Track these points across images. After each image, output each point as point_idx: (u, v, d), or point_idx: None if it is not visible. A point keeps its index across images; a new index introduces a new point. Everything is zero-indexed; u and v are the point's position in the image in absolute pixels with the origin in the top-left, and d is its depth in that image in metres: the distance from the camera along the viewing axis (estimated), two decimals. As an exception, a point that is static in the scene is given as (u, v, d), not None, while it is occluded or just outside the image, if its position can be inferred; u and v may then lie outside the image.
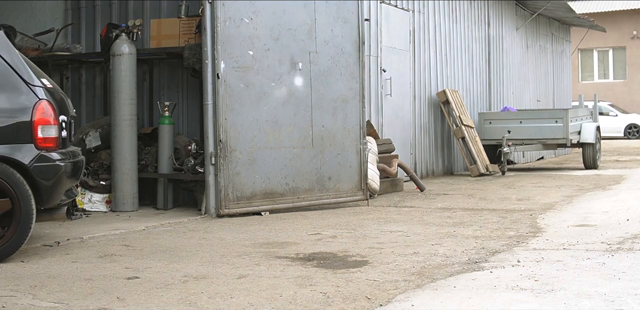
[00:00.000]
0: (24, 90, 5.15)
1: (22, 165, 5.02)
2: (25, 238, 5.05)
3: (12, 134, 5.06)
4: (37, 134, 5.09)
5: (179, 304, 3.79)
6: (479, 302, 3.73)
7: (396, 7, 10.98)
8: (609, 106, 25.42)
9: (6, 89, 5.11)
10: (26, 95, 5.14)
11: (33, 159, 5.06)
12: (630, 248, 5.17)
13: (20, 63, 5.24)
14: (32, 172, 5.03)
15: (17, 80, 5.15)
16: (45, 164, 5.10)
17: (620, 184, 10.15)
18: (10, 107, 5.10)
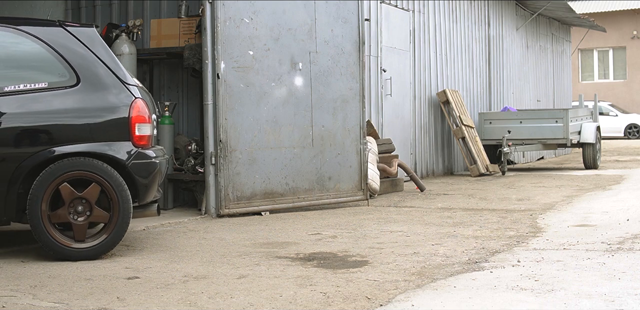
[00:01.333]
0: (120, 89, 5.24)
1: (120, 162, 5.11)
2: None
3: (109, 132, 5.16)
4: (134, 131, 5.19)
5: (179, 304, 3.79)
6: (479, 302, 3.73)
7: (396, 7, 10.98)
8: (609, 106, 25.42)
9: (104, 88, 5.20)
10: (123, 94, 5.24)
11: (131, 157, 5.15)
12: (631, 248, 5.17)
13: (115, 62, 5.35)
14: (129, 169, 5.13)
15: (113, 79, 5.25)
16: (142, 161, 5.20)
17: (621, 184, 10.15)
18: (107, 106, 5.20)
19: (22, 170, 4.96)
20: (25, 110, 5.04)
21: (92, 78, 5.20)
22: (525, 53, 16.39)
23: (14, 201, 4.98)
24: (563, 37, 19.17)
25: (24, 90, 5.07)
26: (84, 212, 5.03)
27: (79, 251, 5.02)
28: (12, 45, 5.23)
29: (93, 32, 5.41)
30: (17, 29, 5.21)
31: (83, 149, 5.05)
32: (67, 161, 5.00)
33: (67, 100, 5.13)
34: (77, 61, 5.20)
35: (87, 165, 5.02)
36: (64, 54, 5.20)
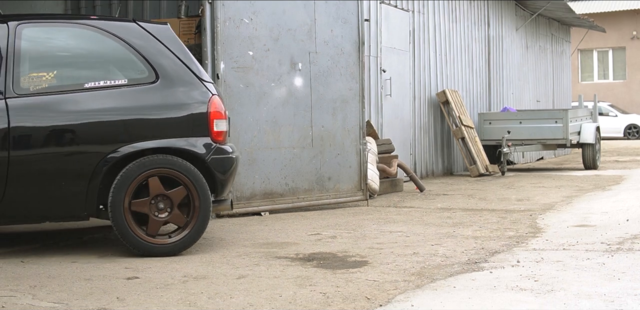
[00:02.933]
0: (197, 85, 5.32)
1: (200, 157, 5.18)
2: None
3: (188, 128, 5.22)
4: (212, 127, 5.25)
5: (178, 304, 3.79)
6: (479, 302, 3.73)
7: (396, 7, 10.99)
8: (608, 106, 25.42)
9: (182, 85, 5.27)
10: (200, 90, 5.31)
11: (210, 152, 5.21)
12: (630, 248, 5.17)
13: (190, 58, 5.42)
14: (209, 165, 5.19)
15: (190, 75, 5.32)
16: (221, 157, 5.27)
17: (620, 185, 10.15)
18: (186, 102, 5.27)
19: (103, 166, 5.00)
20: (106, 107, 5.10)
21: (170, 75, 5.27)
22: (524, 53, 16.40)
23: (94, 197, 5.02)
24: (563, 38, 19.18)
25: (105, 87, 5.14)
26: (165, 210, 5.09)
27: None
28: (91, 43, 5.31)
29: (167, 29, 5.50)
30: (94, 26, 5.27)
31: (164, 145, 5.12)
32: (150, 158, 5.06)
33: (147, 97, 5.19)
34: (155, 58, 5.28)
35: (171, 164, 5.08)
36: (142, 51, 5.27)
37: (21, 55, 5.06)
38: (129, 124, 5.10)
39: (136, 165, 5.02)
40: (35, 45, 5.20)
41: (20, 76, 5.01)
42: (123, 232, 5.01)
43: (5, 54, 5.03)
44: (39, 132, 4.96)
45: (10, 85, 4.98)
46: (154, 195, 5.06)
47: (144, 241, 5.06)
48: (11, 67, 5.01)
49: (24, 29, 5.12)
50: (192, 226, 5.15)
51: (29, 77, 5.06)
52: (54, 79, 5.16)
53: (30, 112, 4.97)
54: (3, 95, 4.94)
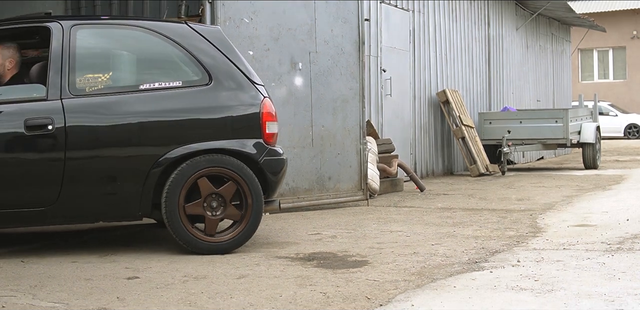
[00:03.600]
0: (249, 88, 5.38)
1: (253, 159, 5.25)
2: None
3: (241, 130, 5.28)
4: (264, 129, 5.33)
5: (179, 304, 3.79)
6: (479, 302, 3.73)
7: (396, 7, 10.99)
8: (608, 106, 25.42)
9: (235, 87, 5.33)
10: (253, 93, 5.38)
11: (263, 154, 5.28)
12: (630, 248, 5.17)
13: (242, 61, 5.50)
14: (261, 166, 5.27)
15: (243, 78, 5.39)
16: (273, 158, 5.35)
17: (620, 184, 10.15)
18: (239, 104, 5.33)
19: (158, 166, 5.05)
20: (161, 108, 5.15)
21: (223, 77, 5.32)
22: (525, 53, 16.39)
23: (149, 197, 5.06)
24: (563, 37, 19.18)
25: (160, 89, 5.19)
26: (218, 207, 5.15)
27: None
28: (145, 45, 5.39)
29: (219, 31, 5.58)
30: (147, 28, 5.33)
31: (218, 146, 5.17)
32: (205, 158, 5.12)
33: (201, 99, 5.24)
34: (208, 60, 5.33)
35: (224, 162, 5.14)
36: (195, 53, 5.32)
37: (76, 57, 5.11)
38: (184, 125, 5.15)
39: (190, 164, 5.08)
40: (90, 46, 5.26)
41: (76, 77, 5.07)
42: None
43: (61, 54, 5.08)
44: (94, 132, 5.01)
45: (66, 85, 5.03)
46: (206, 195, 5.12)
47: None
48: (66, 68, 5.06)
49: (78, 30, 5.18)
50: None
51: (84, 78, 5.11)
52: (109, 80, 5.23)
53: (86, 112, 5.03)
54: (59, 95, 4.99)
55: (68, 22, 5.21)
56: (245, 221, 5.22)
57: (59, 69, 5.05)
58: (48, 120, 4.93)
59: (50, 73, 5.05)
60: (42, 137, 4.92)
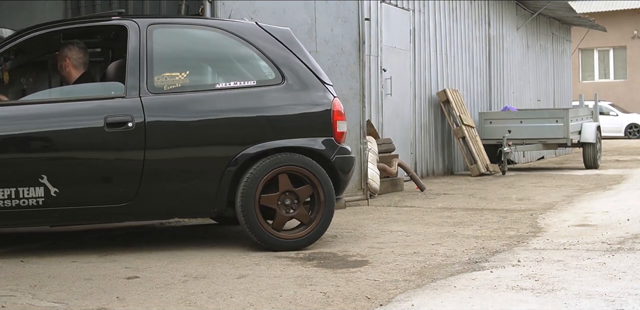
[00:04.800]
0: (320, 87, 5.48)
1: (326, 157, 5.34)
2: (328, 225, 5.39)
3: (313, 128, 5.37)
4: (335, 128, 5.42)
5: (178, 303, 3.79)
6: (479, 302, 3.72)
7: (396, 6, 10.98)
8: (609, 106, 25.42)
9: (307, 87, 5.43)
10: (323, 92, 5.48)
11: (334, 152, 5.37)
12: (631, 248, 5.16)
13: (312, 61, 5.61)
14: (333, 164, 5.35)
15: (313, 78, 5.49)
16: (344, 156, 5.44)
17: (621, 184, 10.15)
18: (312, 103, 5.42)
19: (235, 164, 5.14)
20: (237, 107, 5.25)
21: (295, 77, 5.42)
22: (525, 53, 16.39)
23: (224, 194, 5.14)
24: (563, 37, 19.17)
25: (235, 88, 5.29)
26: (291, 205, 5.24)
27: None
28: (219, 45, 5.50)
29: (288, 31, 5.66)
30: (219, 28, 5.43)
31: (293, 144, 5.26)
32: (280, 156, 5.21)
33: (275, 98, 5.33)
34: (280, 60, 5.42)
35: (298, 160, 5.23)
36: (267, 53, 5.41)
37: (154, 56, 5.19)
38: (259, 124, 5.25)
39: (266, 162, 5.16)
40: (166, 46, 5.35)
41: (154, 75, 5.15)
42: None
43: (138, 53, 5.17)
44: (173, 130, 5.10)
45: (145, 84, 5.11)
46: (282, 191, 5.21)
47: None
48: (144, 67, 5.14)
49: (155, 30, 5.27)
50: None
51: (162, 76, 5.20)
52: (186, 79, 5.30)
53: (164, 110, 5.11)
54: (138, 93, 5.07)
55: (144, 22, 5.31)
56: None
57: (137, 68, 5.14)
58: (128, 118, 5.01)
59: (128, 71, 5.13)
60: (121, 134, 5.00)
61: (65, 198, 4.92)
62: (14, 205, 4.87)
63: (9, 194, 4.86)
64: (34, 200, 4.89)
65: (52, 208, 4.93)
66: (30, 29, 5.29)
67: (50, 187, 4.89)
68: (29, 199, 4.88)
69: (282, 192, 5.19)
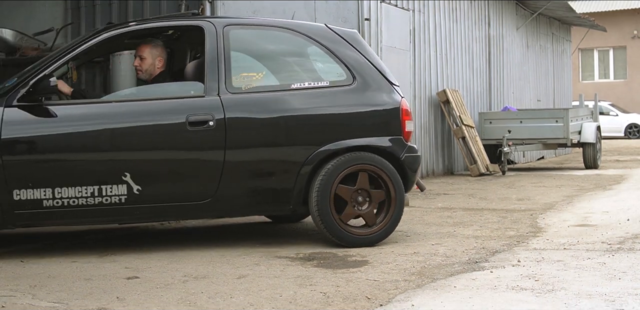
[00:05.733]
0: (388, 88, 5.62)
1: (396, 156, 5.48)
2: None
3: (384, 128, 5.52)
4: (404, 128, 5.58)
5: (178, 303, 3.79)
6: (480, 302, 3.72)
7: (396, 6, 10.98)
8: (609, 106, 25.41)
9: (376, 87, 5.56)
10: (392, 93, 5.62)
11: (403, 151, 5.51)
12: (631, 248, 5.16)
13: (380, 63, 5.73)
14: (402, 163, 5.49)
15: (381, 79, 5.62)
16: (412, 155, 5.59)
17: (621, 184, 10.15)
18: (382, 104, 5.56)
19: (311, 162, 5.27)
20: (312, 107, 5.39)
21: (364, 77, 5.54)
22: (525, 53, 16.38)
23: (301, 192, 5.28)
24: (563, 37, 19.17)
25: (309, 88, 5.43)
26: (363, 203, 5.36)
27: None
28: (292, 45, 5.67)
29: (356, 33, 5.83)
30: (291, 29, 5.57)
31: (365, 143, 5.40)
32: (353, 154, 5.35)
33: (347, 98, 5.46)
34: (350, 61, 5.56)
35: (370, 159, 5.36)
36: (338, 54, 5.55)
37: (231, 56, 5.33)
38: (333, 123, 5.39)
39: (341, 160, 5.30)
40: (242, 46, 5.51)
41: (232, 75, 5.28)
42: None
43: (216, 53, 5.29)
44: (252, 128, 5.23)
45: (224, 83, 5.23)
46: (358, 188, 5.34)
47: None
48: (222, 67, 5.27)
49: (231, 31, 5.40)
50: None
51: (240, 76, 5.36)
52: (262, 80, 5.49)
53: (243, 110, 5.24)
54: (217, 92, 5.20)
55: (220, 23, 5.43)
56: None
57: (216, 68, 5.25)
58: (209, 117, 5.12)
59: (207, 71, 5.25)
60: (203, 133, 5.11)
61: (147, 195, 5.02)
62: (97, 202, 4.95)
63: (92, 192, 4.93)
64: (117, 198, 4.97)
65: (134, 205, 5.02)
66: (105, 29, 5.39)
67: (133, 185, 4.99)
68: (111, 196, 4.96)
69: (358, 188, 5.32)
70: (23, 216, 4.89)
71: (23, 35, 9.02)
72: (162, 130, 5.08)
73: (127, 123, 5.04)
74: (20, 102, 4.95)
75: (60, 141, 4.94)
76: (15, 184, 4.82)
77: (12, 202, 4.83)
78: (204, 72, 5.27)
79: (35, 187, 4.85)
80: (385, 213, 5.42)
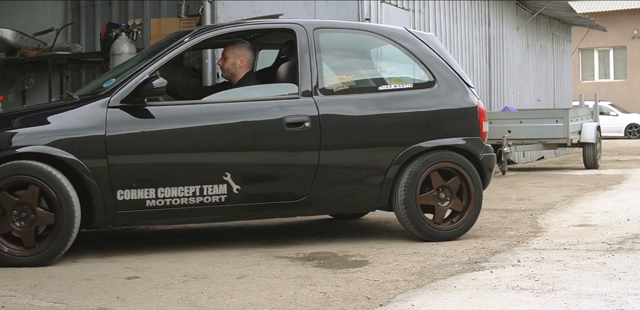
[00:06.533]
0: (466, 90, 5.81)
1: (475, 155, 5.68)
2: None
3: (463, 129, 5.71)
4: (482, 128, 5.79)
5: (179, 303, 3.79)
6: (479, 302, 3.72)
7: (396, 6, 10.97)
8: (609, 106, 25.40)
9: (455, 89, 5.74)
10: (469, 95, 5.80)
11: (482, 150, 5.73)
12: (631, 248, 5.16)
13: (457, 65, 5.94)
14: (481, 162, 5.71)
15: (459, 81, 5.80)
16: (489, 155, 5.82)
17: (621, 184, 10.14)
18: (461, 105, 5.75)
19: (398, 162, 5.47)
20: (399, 108, 5.56)
21: (445, 79, 5.73)
22: (525, 53, 16.38)
23: (387, 190, 5.46)
24: (563, 37, 19.16)
25: (396, 90, 5.63)
26: (445, 199, 5.59)
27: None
28: (377, 48, 5.94)
29: (433, 36, 6.04)
30: (374, 32, 5.77)
31: (448, 143, 5.60)
32: (437, 154, 5.56)
33: (430, 100, 5.66)
34: (431, 64, 5.74)
35: (453, 158, 5.59)
36: (420, 57, 5.73)
37: (322, 58, 5.48)
38: (419, 124, 5.58)
39: (425, 159, 5.51)
40: (332, 49, 5.68)
41: (324, 77, 5.43)
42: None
43: (308, 55, 5.43)
44: (344, 129, 5.39)
45: (317, 85, 5.39)
46: (436, 187, 5.55)
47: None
48: (315, 69, 5.41)
49: (321, 34, 5.55)
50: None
51: (331, 78, 5.54)
52: (352, 82, 5.68)
53: (336, 110, 5.39)
54: (311, 94, 5.35)
55: (310, 25, 5.55)
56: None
57: (309, 69, 5.40)
58: (305, 118, 5.27)
59: (300, 73, 5.38)
60: (298, 134, 5.25)
61: (245, 195, 5.15)
62: (198, 202, 5.07)
63: (194, 192, 5.04)
64: (217, 197, 5.09)
65: (233, 204, 5.15)
66: (202, 31, 5.46)
67: (232, 185, 5.11)
68: (212, 196, 5.08)
69: (436, 189, 5.54)
70: (125, 216, 4.99)
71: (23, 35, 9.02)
72: (261, 131, 5.21)
73: (228, 124, 5.17)
74: (123, 103, 5.00)
75: (163, 142, 5.03)
76: (120, 184, 4.90)
77: (115, 202, 4.91)
78: (296, 73, 5.41)
79: (139, 188, 4.94)
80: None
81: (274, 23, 5.78)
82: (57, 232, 4.79)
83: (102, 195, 4.87)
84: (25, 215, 4.75)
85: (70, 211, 4.78)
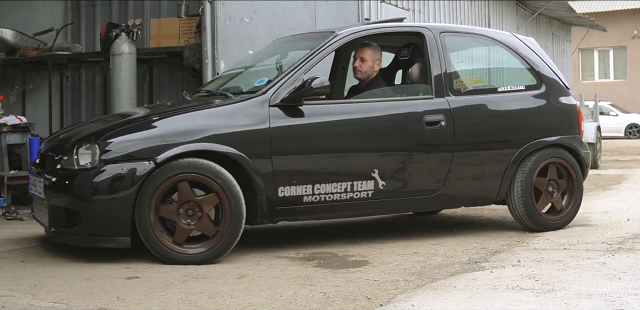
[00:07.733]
0: (566, 92, 6.24)
1: (576, 152, 6.11)
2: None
3: (567, 128, 6.13)
4: (581, 127, 6.20)
5: (179, 303, 3.79)
6: (479, 302, 3.72)
7: (396, 6, 10.97)
8: (609, 106, 25.40)
9: (558, 91, 6.15)
10: (569, 96, 6.23)
11: (582, 148, 6.17)
12: (631, 248, 5.16)
13: (556, 68, 6.31)
14: (581, 159, 6.15)
15: (560, 83, 6.21)
16: (587, 152, 6.26)
17: (621, 184, 10.14)
18: (564, 106, 6.16)
19: (517, 158, 5.83)
20: (517, 108, 5.95)
21: (550, 82, 6.13)
22: (525, 53, 16.35)
23: (507, 184, 5.82)
24: (563, 37, 19.17)
25: (511, 91, 6.00)
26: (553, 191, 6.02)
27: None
28: (494, 52, 6.28)
29: (534, 41, 6.44)
30: (491, 38, 6.19)
31: (558, 142, 6.01)
32: (548, 150, 5.96)
33: (539, 101, 6.05)
34: (537, 67, 6.15)
35: (561, 154, 6.03)
36: (529, 61, 6.14)
37: (450, 60, 5.79)
38: (532, 123, 5.96)
39: (539, 155, 5.90)
40: (456, 52, 6.04)
41: (452, 79, 5.75)
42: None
43: (438, 57, 5.72)
44: (474, 127, 5.72)
45: (447, 86, 5.68)
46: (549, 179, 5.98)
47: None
48: (444, 70, 5.70)
49: (446, 37, 5.87)
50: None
51: (459, 80, 5.83)
52: (475, 83, 6.08)
53: (466, 110, 5.68)
54: (443, 94, 5.64)
55: (436, 29, 5.88)
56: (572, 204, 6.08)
57: (440, 71, 5.68)
58: (440, 117, 5.57)
59: (432, 74, 5.66)
60: (435, 132, 5.54)
61: (389, 190, 5.40)
62: (348, 198, 5.28)
63: (345, 188, 5.25)
64: (365, 193, 5.32)
65: (378, 200, 5.39)
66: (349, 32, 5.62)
67: (379, 181, 5.35)
68: (360, 191, 5.31)
69: (549, 180, 5.96)
70: (283, 212, 5.15)
71: (23, 35, 9.02)
72: (405, 130, 5.47)
73: (376, 123, 5.40)
74: (283, 103, 5.12)
75: (321, 140, 5.21)
76: (282, 181, 5.05)
77: (276, 199, 5.05)
78: (427, 75, 5.68)
79: (298, 184, 5.10)
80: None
81: (404, 27, 6.15)
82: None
83: (265, 192, 4.99)
84: (191, 212, 4.83)
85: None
